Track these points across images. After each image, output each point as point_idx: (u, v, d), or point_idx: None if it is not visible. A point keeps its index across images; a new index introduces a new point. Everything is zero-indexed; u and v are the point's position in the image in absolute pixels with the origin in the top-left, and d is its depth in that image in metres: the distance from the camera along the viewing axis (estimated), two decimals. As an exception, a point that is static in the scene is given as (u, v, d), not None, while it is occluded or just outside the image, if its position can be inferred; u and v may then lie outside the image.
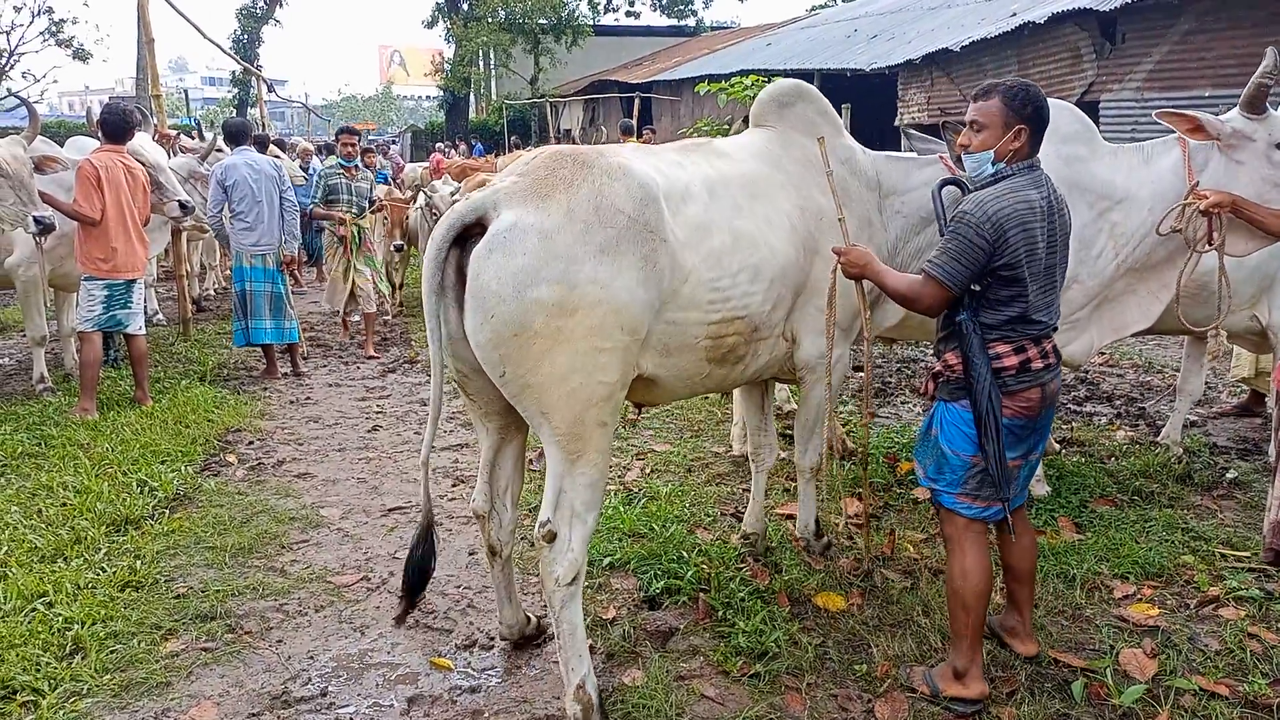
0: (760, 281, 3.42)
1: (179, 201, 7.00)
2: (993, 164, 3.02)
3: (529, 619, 3.58)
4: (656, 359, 3.23)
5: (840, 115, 4.13)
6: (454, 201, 7.90)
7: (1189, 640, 3.43)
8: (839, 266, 3.36)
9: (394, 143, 35.63)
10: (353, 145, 8.56)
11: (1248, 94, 3.93)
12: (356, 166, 8.62)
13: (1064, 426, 5.90)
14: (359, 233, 8.58)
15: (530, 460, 4.56)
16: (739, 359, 3.51)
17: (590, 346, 2.92)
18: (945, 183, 3.34)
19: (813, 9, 37.48)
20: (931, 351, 3.35)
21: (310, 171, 12.79)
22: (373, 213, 8.96)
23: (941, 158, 4.04)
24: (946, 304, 3.02)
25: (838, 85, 17.10)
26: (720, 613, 3.63)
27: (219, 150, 8.77)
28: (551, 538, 2.96)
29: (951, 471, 3.08)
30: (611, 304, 2.93)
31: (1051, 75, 13.74)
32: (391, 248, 9.80)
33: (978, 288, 2.98)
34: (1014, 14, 14.99)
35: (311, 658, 3.45)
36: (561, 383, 2.92)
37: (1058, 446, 5.43)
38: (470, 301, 2.90)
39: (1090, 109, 12.56)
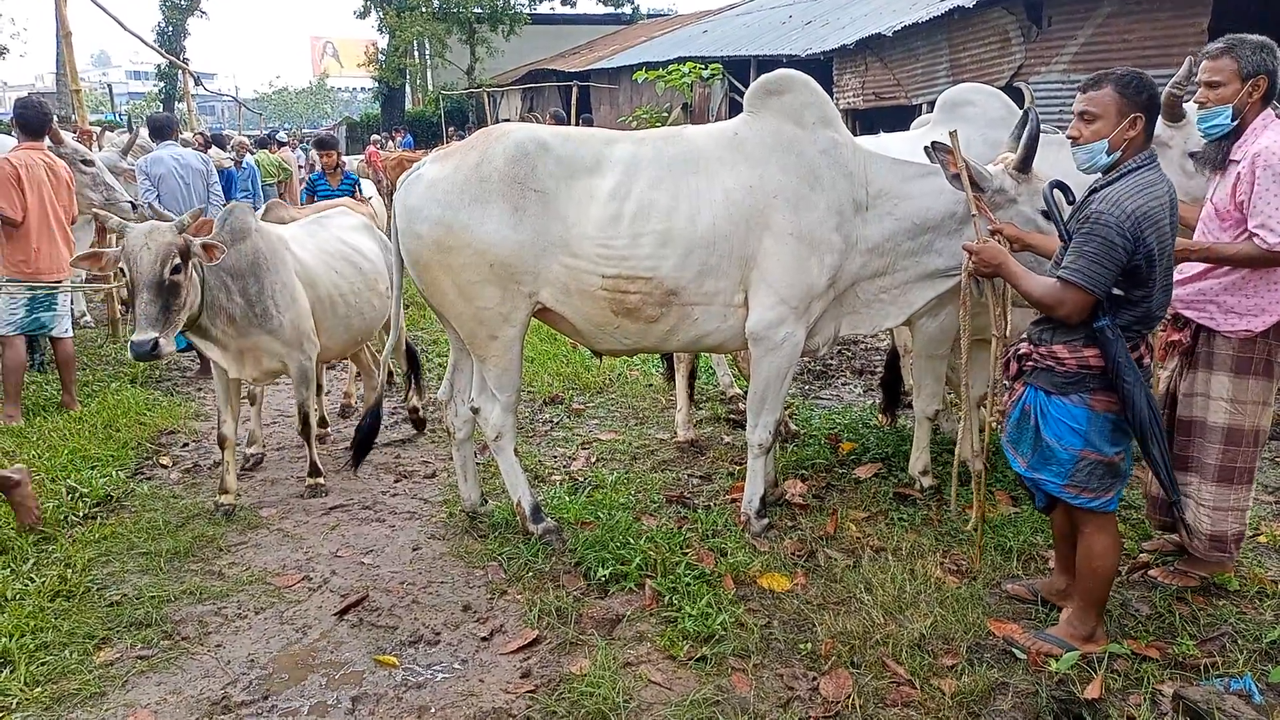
0: (671, 248, 3.76)
1: (131, 202, 6.83)
2: (1108, 154, 2.95)
3: (484, 499, 4.54)
4: (558, 295, 3.83)
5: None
6: None
7: (1121, 606, 3.52)
8: (970, 265, 3.32)
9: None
10: None
11: (1163, 102, 3.99)
12: None
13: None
14: None
15: (476, 452, 4.58)
16: (653, 319, 3.87)
17: (467, 279, 3.74)
18: (1055, 185, 3.25)
19: (748, -5, 37.57)
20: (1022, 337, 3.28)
21: (244, 166, 12.48)
22: None
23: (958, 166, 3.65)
24: (1089, 309, 2.91)
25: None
26: (667, 598, 3.64)
27: (139, 145, 8.51)
28: (477, 411, 4.18)
29: (1059, 464, 3.06)
30: (479, 244, 3.69)
31: (981, 59, 13.97)
32: None
33: (1119, 291, 2.89)
34: (944, -2, 15.21)
35: (252, 661, 3.38)
36: (453, 304, 3.84)
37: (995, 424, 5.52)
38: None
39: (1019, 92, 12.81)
